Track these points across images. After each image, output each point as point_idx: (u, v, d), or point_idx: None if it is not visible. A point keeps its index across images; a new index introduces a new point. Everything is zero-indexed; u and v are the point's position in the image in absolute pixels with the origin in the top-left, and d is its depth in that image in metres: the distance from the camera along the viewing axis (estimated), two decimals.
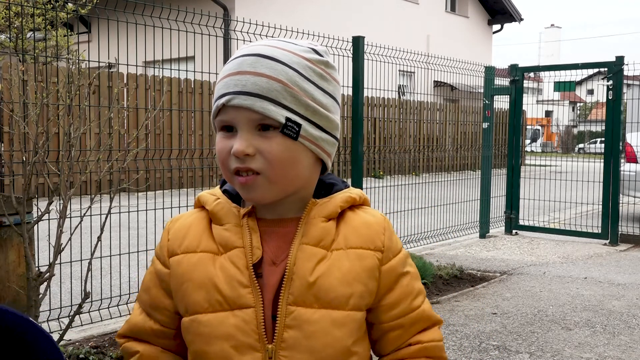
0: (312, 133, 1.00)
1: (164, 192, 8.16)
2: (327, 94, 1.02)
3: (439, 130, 12.46)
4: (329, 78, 1.03)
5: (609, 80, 6.87)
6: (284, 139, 0.97)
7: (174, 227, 1.09)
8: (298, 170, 1.00)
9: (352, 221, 1.05)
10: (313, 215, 1.03)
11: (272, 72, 0.97)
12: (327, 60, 1.03)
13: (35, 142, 2.78)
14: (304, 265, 1.00)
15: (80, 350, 3.21)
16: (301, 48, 1.01)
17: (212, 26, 4.48)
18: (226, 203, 1.06)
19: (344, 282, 1.00)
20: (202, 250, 1.03)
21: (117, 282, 4.23)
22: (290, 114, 0.97)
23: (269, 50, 0.99)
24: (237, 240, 1.02)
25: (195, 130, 10.42)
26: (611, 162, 7.00)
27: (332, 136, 1.04)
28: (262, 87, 0.96)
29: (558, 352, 3.55)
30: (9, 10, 8.61)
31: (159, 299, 1.08)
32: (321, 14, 17.22)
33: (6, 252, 2.93)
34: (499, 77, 8.13)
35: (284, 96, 0.97)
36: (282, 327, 0.99)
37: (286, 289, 0.99)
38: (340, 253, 1.01)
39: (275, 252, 1.02)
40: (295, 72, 0.98)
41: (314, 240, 1.01)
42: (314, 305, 0.99)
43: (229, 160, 0.99)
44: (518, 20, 24.64)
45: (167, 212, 4.75)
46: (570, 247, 6.88)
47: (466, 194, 7.71)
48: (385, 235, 1.05)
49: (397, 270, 1.05)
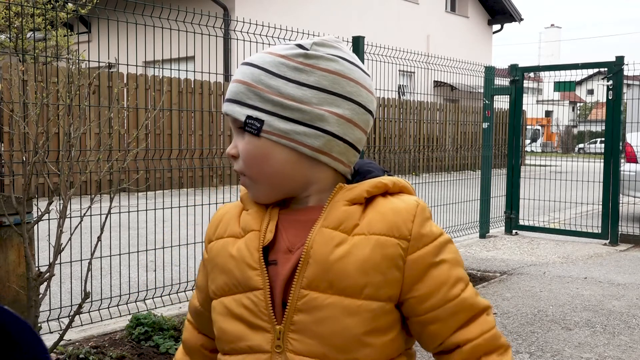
0: (279, 127, 0.99)
1: (163, 192, 8.16)
2: (304, 86, 0.99)
3: (439, 130, 12.46)
4: (307, 69, 1.00)
5: (609, 80, 6.87)
6: (251, 137, 1.01)
7: (214, 216, 1.14)
8: (272, 166, 1.00)
9: (381, 207, 1.00)
10: (337, 199, 1.01)
11: (242, 75, 1.02)
12: (307, 53, 1.01)
13: (35, 142, 2.78)
14: (321, 248, 0.98)
15: (80, 350, 3.21)
16: (284, 47, 1.03)
17: (212, 26, 4.48)
18: None
19: (360, 270, 0.96)
20: (228, 235, 1.07)
21: (117, 282, 4.23)
22: (252, 111, 1.00)
23: (253, 57, 1.05)
24: (255, 224, 1.04)
25: (195, 130, 10.42)
26: (611, 162, 7.00)
27: (315, 128, 0.99)
28: (232, 91, 1.03)
29: (558, 352, 3.55)
30: (9, 10, 8.61)
31: (202, 281, 1.15)
32: (321, 14, 17.22)
33: (6, 252, 2.93)
34: (499, 77, 8.13)
35: (248, 96, 1.00)
36: (292, 309, 0.98)
37: (301, 272, 0.98)
38: (361, 238, 0.97)
39: (292, 240, 1.02)
40: (263, 70, 1.00)
41: (334, 224, 0.99)
42: (327, 290, 0.97)
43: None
44: (518, 20, 24.64)
45: (167, 212, 4.75)
46: (570, 247, 6.88)
47: (466, 194, 7.71)
48: (414, 223, 0.99)
49: (426, 260, 0.99)
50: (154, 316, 3.55)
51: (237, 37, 4.71)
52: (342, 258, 0.96)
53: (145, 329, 3.45)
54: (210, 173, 9.17)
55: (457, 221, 7.29)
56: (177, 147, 10.13)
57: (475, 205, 7.61)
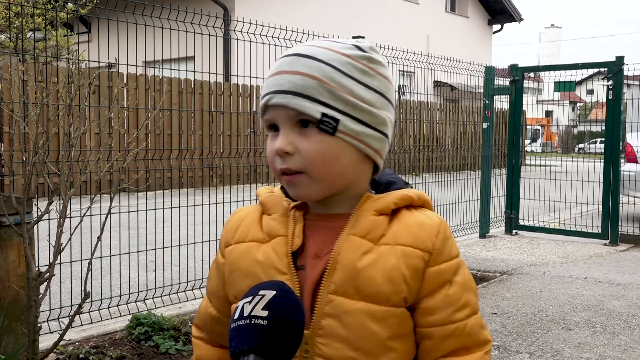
0: (352, 128, 0.99)
1: (164, 192, 8.16)
2: (371, 89, 1.01)
3: (439, 130, 12.46)
4: (372, 73, 1.01)
5: (609, 80, 6.87)
6: (322, 135, 0.97)
7: (231, 220, 1.12)
8: (340, 166, 0.99)
9: (406, 219, 1.02)
10: (365, 208, 1.02)
11: (308, 69, 0.97)
12: (370, 56, 1.02)
13: (35, 142, 2.78)
14: (349, 255, 0.99)
15: (80, 350, 3.21)
16: (343, 45, 1.01)
17: (212, 26, 4.48)
18: (278, 196, 1.08)
19: (387, 278, 0.97)
20: (250, 240, 1.06)
21: (117, 282, 4.23)
22: (326, 109, 0.97)
23: (307, 49, 1.00)
24: (281, 229, 1.03)
25: (195, 130, 10.42)
26: (611, 162, 7.00)
27: (379, 131, 1.02)
28: (298, 85, 0.97)
29: (558, 352, 3.55)
30: (9, 10, 8.61)
31: (217, 286, 1.12)
32: (321, 14, 17.22)
33: (6, 252, 2.93)
34: (499, 77, 8.13)
35: (320, 92, 0.97)
36: (320, 314, 0.99)
37: (328, 277, 0.99)
38: (387, 248, 0.99)
39: (320, 246, 1.02)
40: (333, 68, 0.98)
41: (362, 232, 1.00)
42: (354, 296, 0.98)
43: (275, 160, 1.01)
44: (518, 20, 24.63)
45: (167, 212, 4.75)
46: (570, 247, 6.88)
47: (466, 194, 7.71)
48: (437, 238, 1.01)
49: (443, 276, 1.00)
50: (154, 316, 3.55)
51: (237, 37, 4.71)
52: (370, 266, 0.98)
53: (145, 329, 3.45)
54: (210, 173, 9.17)
55: (457, 221, 7.29)
56: (177, 147, 10.13)
57: (475, 205, 7.61)
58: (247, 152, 7.14)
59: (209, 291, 1.15)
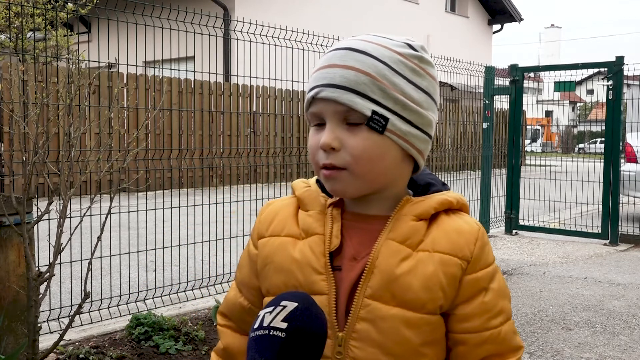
0: (400, 127, 0.98)
1: (164, 192, 8.16)
2: (420, 89, 1.00)
3: (439, 130, 12.45)
4: (422, 73, 1.01)
5: (609, 80, 6.87)
6: (370, 133, 0.96)
7: (265, 211, 1.11)
8: (384, 165, 0.98)
9: (445, 225, 1.01)
10: (405, 212, 1.01)
11: (361, 65, 0.96)
12: (421, 55, 1.01)
13: (35, 142, 2.78)
14: (387, 260, 0.98)
15: (80, 350, 3.21)
16: (395, 42, 1.00)
17: (212, 26, 4.48)
18: (315, 191, 1.07)
19: (425, 286, 0.97)
20: (286, 235, 1.05)
21: (117, 282, 4.23)
22: (377, 107, 0.96)
23: (360, 44, 0.98)
24: (318, 227, 1.02)
25: (195, 130, 10.42)
26: (611, 162, 7.00)
27: (424, 132, 1.01)
28: (350, 80, 0.95)
29: (558, 352, 3.55)
30: (9, 10, 8.61)
31: (249, 277, 1.11)
32: (321, 14, 17.21)
33: (6, 252, 2.93)
34: (499, 77, 8.13)
35: (372, 89, 0.95)
36: (355, 317, 0.98)
37: (365, 281, 0.98)
38: (425, 255, 0.98)
39: (357, 248, 1.01)
40: (386, 65, 0.97)
41: (401, 237, 0.99)
42: (390, 302, 0.97)
43: (318, 154, 0.99)
44: (518, 20, 24.63)
45: (167, 212, 4.75)
46: (570, 247, 6.88)
47: (466, 194, 7.71)
48: (476, 246, 1.00)
49: (479, 284, 1.00)
50: (154, 316, 3.55)
51: (237, 37, 4.71)
52: (408, 273, 0.97)
53: (145, 329, 3.45)
54: (210, 173, 9.16)
55: None
56: (177, 147, 10.13)
57: (475, 205, 7.61)
58: (247, 152, 7.14)
59: (239, 281, 1.14)
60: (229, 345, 1.14)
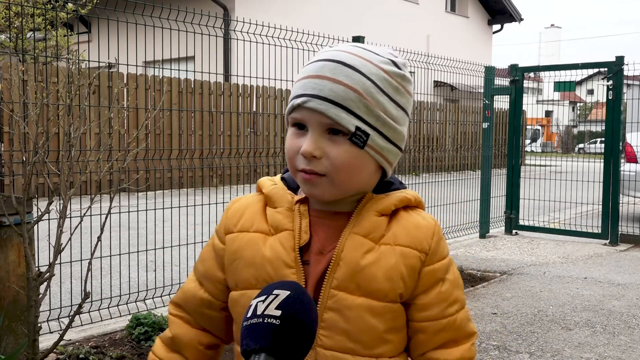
0: (378, 143, 1.03)
1: (164, 192, 8.16)
2: (399, 107, 1.06)
3: (439, 130, 12.46)
4: (403, 91, 1.06)
5: (609, 80, 6.87)
6: (351, 147, 1.01)
7: (232, 207, 1.15)
8: (361, 176, 1.04)
9: (404, 221, 1.08)
10: (367, 208, 1.07)
11: (350, 81, 1.00)
12: (404, 74, 1.07)
13: (35, 142, 2.78)
14: (352, 253, 1.04)
15: (80, 350, 3.21)
16: (381, 59, 1.05)
17: (212, 26, 4.48)
18: (282, 189, 1.11)
19: (387, 276, 1.03)
20: (255, 230, 1.09)
21: (117, 282, 4.23)
22: (360, 123, 1.01)
23: (350, 58, 1.02)
24: (287, 223, 1.07)
25: (195, 130, 10.42)
26: (611, 162, 7.00)
27: (397, 147, 1.07)
28: (339, 95, 1.00)
29: (558, 352, 3.55)
30: (9, 10, 8.61)
31: (213, 270, 1.14)
32: (321, 14, 17.21)
33: (6, 252, 2.93)
34: (499, 77, 8.13)
35: (358, 106, 1.00)
36: (323, 307, 1.03)
37: (331, 273, 1.03)
38: (387, 248, 1.04)
39: (323, 242, 1.06)
40: (372, 83, 1.02)
41: (364, 231, 1.05)
42: (355, 292, 1.03)
43: (297, 159, 1.04)
44: (518, 20, 24.63)
45: (167, 212, 4.75)
46: (570, 247, 6.88)
47: (466, 194, 7.71)
48: (433, 240, 1.08)
49: (437, 275, 1.07)
50: (154, 316, 3.55)
51: (237, 37, 4.71)
52: (371, 264, 1.03)
53: (145, 329, 3.45)
54: (210, 173, 9.17)
55: (457, 221, 7.29)
56: (177, 147, 10.13)
57: (475, 205, 7.61)
58: (247, 152, 7.14)
59: (201, 274, 1.16)
60: (177, 335, 1.17)
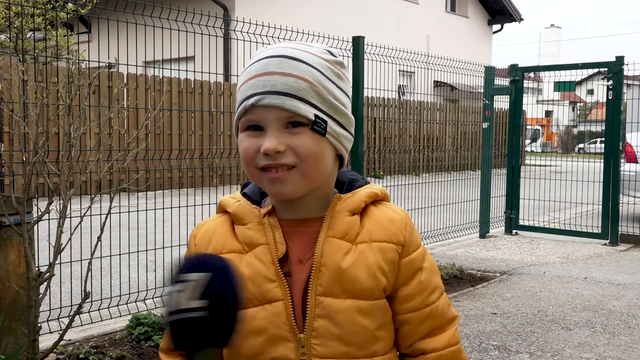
0: (335, 130, 1.04)
1: (163, 192, 8.16)
2: (344, 92, 1.07)
3: (439, 130, 12.46)
4: (343, 77, 1.08)
5: (609, 80, 6.87)
6: (313, 135, 1.01)
7: (199, 233, 1.12)
8: (325, 164, 1.04)
9: (376, 216, 1.08)
10: (338, 209, 1.06)
11: (299, 72, 1.00)
12: (341, 61, 1.08)
13: (35, 142, 2.78)
14: (331, 257, 1.03)
15: (80, 350, 3.21)
16: (318, 49, 1.06)
17: (212, 26, 4.48)
18: (246, 204, 1.09)
19: (369, 274, 1.03)
20: (228, 251, 1.06)
21: (117, 282, 4.23)
22: (317, 111, 1.01)
23: (292, 52, 1.03)
24: (260, 238, 1.05)
25: (195, 130, 10.42)
26: (611, 162, 7.00)
27: (349, 132, 1.08)
28: (291, 87, 0.99)
29: (558, 352, 3.55)
30: (9, 10, 8.61)
31: None
32: (321, 14, 17.21)
33: (6, 252, 2.93)
34: (499, 77, 8.13)
35: (311, 95, 1.00)
36: (312, 316, 1.03)
37: (314, 280, 1.03)
38: (364, 246, 1.05)
39: (301, 251, 1.05)
40: (319, 72, 1.02)
41: (340, 234, 1.05)
42: (341, 295, 1.03)
43: (257, 158, 1.01)
44: (518, 20, 24.63)
45: (167, 212, 4.75)
46: (570, 247, 6.88)
47: (466, 194, 7.71)
48: (406, 230, 1.08)
49: (415, 264, 1.08)
50: (154, 316, 3.55)
51: (237, 37, 4.71)
52: (352, 265, 1.03)
53: (145, 329, 3.45)
54: (210, 173, 9.17)
55: (457, 221, 7.29)
56: (177, 147, 10.13)
57: (475, 205, 7.61)
58: None
59: None
60: None
